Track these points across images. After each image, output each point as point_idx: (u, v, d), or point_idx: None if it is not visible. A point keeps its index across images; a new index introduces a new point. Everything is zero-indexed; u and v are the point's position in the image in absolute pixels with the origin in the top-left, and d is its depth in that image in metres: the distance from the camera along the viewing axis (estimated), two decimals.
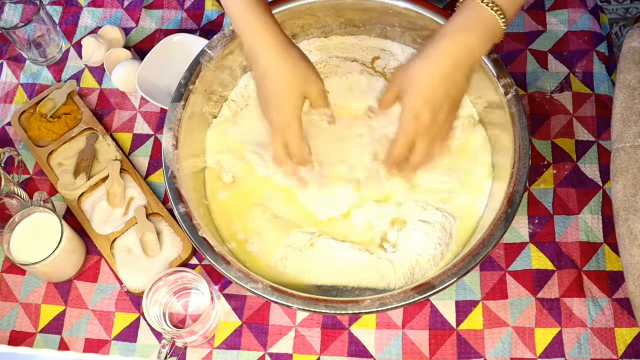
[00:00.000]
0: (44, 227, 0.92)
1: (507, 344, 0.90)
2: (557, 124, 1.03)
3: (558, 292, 0.92)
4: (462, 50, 0.76)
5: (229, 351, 0.92)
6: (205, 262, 0.98)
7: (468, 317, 0.92)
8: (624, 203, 0.84)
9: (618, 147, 0.87)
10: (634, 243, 0.82)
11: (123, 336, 0.94)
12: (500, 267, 0.94)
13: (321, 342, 0.91)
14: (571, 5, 1.12)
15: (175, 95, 0.92)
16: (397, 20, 0.98)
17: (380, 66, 1.03)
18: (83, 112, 1.08)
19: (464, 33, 0.76)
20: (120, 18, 1.18)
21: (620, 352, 0.89)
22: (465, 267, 0.80)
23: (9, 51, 1.16)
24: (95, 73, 1.13)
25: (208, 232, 0.85)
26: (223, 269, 0.82)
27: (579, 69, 1.07)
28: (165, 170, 0.88)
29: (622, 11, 1.68)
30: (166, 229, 0.98)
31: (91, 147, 1.05)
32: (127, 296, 0.96)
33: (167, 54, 1.08)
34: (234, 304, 0.94)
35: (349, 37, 1.03)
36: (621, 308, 0.91)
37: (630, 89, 0.89)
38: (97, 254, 0.99)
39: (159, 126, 1.07)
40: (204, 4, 1.17)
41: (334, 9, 0.98)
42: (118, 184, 1.01)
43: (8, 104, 1.11)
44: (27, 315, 0.96)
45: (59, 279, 0.96)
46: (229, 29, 0.95)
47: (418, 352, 0.90)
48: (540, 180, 0.99)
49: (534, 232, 0.96)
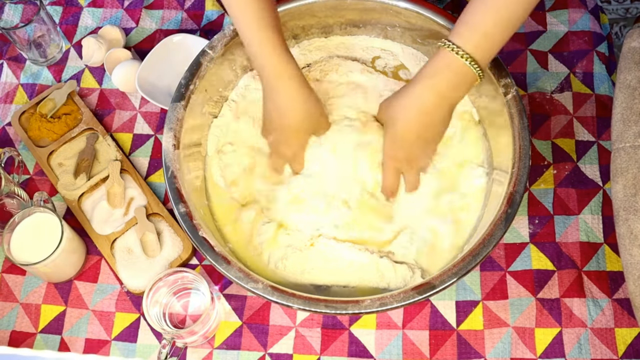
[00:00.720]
0: (44, 227, 0.92)
1: (507, 344, 0.90)
2: (557, 124, 1.03)
3: (558, 292, 0.92)
4: (432, 96, 0.82)
5: (229, 351, 0.92)
6: (205, 262, 0.98)
7: (468, 317, 0.92)
8: (624, 203, 0.84)
9: (618, 147, 0.87)
10: (634, 243, 0.82)
11: (123, 336, 0.94)
12: (500, 267, 0.94)
13: (321, 342, 0.91)
14: (571, 5, 1.12)
15: (176, 95, 0.92)
16: (397, 20, 0.98)
17: (380, 65, 1.03)
18: (83, 112, 1.08)
19: (432, 80, 0.81)
20: (120, 18, 1.18)
21: (620, 352, 0.89)
22: (465, 266, 0.80)
23: (9, 51, 1.16)
24: (95, 73, 1.13)
25: (208, 232, 0.85)
26: (223, 268, 0.82)
27: (579, 69, 1.07)
28: (165, 170, 0.88)
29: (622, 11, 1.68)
30: (166, 229, 0.98)
31: (91, 147, 1.05)
32: (127, 296, 0.96)
33: (167, 54, 1.08)
34: (234, 304, 0.94)
35: (349, 37, 1.03)
36: (621, 308, 0.91)
37: (630, 89, 0.89)
38: (97, 254, 0.99)
39: (159, 126, 1.07)
40: (204, 4, 1.18)
41: (334, 9, 0.98)
42: (118, 184, 1.01)
43: (8, 104, 1.11)
44: (27, 315, 0.96)
45: (59, 279, 0.96)
46: (229, 29, 0.95)
47: (418, 352, 0.90)
48: (540, 180, 0.99)
49: (534, 232, 0.96)
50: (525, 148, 0.85)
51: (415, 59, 1.02)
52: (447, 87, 0.81)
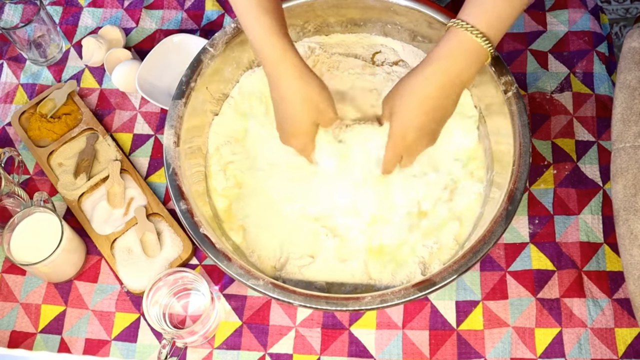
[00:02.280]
0: (44, 227, 0.92)
1: (507, 344, 0.90)
2: (557, 124, 1.03)
3: (558, 292, 0.92)
4: (447, 77, 0.80)
5: (229, 351, 0.92)
6: (205, 262, 0.98)
7: (468, 317, 0.91)
8: (624, 203, 0.84)
9: (618, 147, 0.87)
10: (634, 243, 0.82)
11: (123, 336, 0.94)
12: (500, 267, 0.94)
13: (321, 342, 0.91)
14: (571, 5, 1.12)
15: (177, 93, 0.92)
16: (397, 18, 0.98)
17: (380, 59, 1.03)
18: (83, 112, 1.08)
19: (448, 60, 0.80)
20: (120, 18, 1.18)
21: (620, 352, 0.89)
22: (465, 263, 0.80)
23: (9, 51, 1.16)
24: (95, 73, 1.13)
25: (209, 229, 0.85)
26: (224, 265, 0.82)
27: (579, 69, 1.07)
28: (166, 167, 0.88)
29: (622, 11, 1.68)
30: (166, 229, 0.98)
31: (91, 147, 1.05)
32: (127, 296, 0.96)
33: (167, 54, 1.08)
34: (234, 304, 0.94)
35: (350, 34, 1.03)
36: (621, 308, 0.91)
37: (630, 89, 0.89)
38: (97, 254, 0.99)
39: (159, 126, 1.07)
40: (204, 4, 1.18)
41: (335, 7, 0.98)
42: (118, 184, 1.01)
43: (8, 104, 1.11)
44: (27, 315, 0.96)
45: (59, 279, 0.96)
46: (230, 26, 0.95)
47: (418, 352, 0.90)
48: (540, 180, 0.99)
49: (534, 232, 0.96)
50: (526, 145, 0.85)
51: (416, 56, 1.02)
52: (461, 67, 0.80)
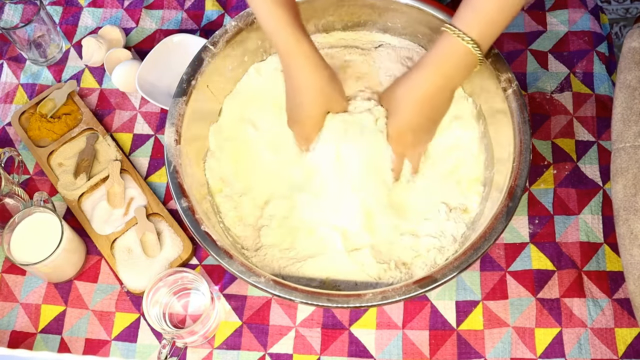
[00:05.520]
0: (44, 227, 0.92)
1: (507, 344, 0.90)
2: (557, 124, 1.03)
3: (558, 292, 0.92)
4: (440, 79, 0.84)
5: (229, 351, 0.92)
6: (205, 262, 0.98)
7: (468, 317, 0.92)
8: (624, 203, 0.84)
9: (618, 147, 0.87)
10: (634, 243, 0.82)
11: (123, 336, 0.94)
12: (500, 267, 0.94)
13: (321, 342, 0.91)
14: (571, 5, 1.12)
15: (177, 91, 0.92)
16: (398, 16, 0.98)
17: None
18: (83, 112, 1.08)
19: (439, 65, 0.84)
20: (120, 18, 1.18)
21: (620, 352, 0.89)
22: (466, 260, 0.80)
23: (9, 51, 1.16)
24: (95, 73, 1.13)
25: (210, 226, 0.85)
26: (225, 262, 0.82)
27: (579, 69, 1.07)
28: (167, 165, 0.88)
29: (622, 11, 1.68)
30: (166, 229, 0.98)
31: (91, 147, 1.05)
32: (127, 296, 0.96)
33: (167, 54, 1.08)
34: (234, 304, 0.94)
35: (350, 32, 1.03)
36: (621, 308, 0.91)
37: (630, 89, 0.89)
38: (97, 254, 0.99)
39: (159, 126, 1.07)
40: (204, 4, 1.18)
41: (336, 5, 0.98)
42: (118, 184, 1.01)
43: (8, 104, 1.11)
44: (27, 315, 0.96)
45: (59, 279, 0.96)
46: (230, 25, 0.95)
47: (418, 352, 0.90)
48: (540, 180, 0.99)
49: (534, 232, 0.96)
50: (526, 142, 0.85)
51: (416, 54, 1.02)
52: (452, 72, 0.84)
